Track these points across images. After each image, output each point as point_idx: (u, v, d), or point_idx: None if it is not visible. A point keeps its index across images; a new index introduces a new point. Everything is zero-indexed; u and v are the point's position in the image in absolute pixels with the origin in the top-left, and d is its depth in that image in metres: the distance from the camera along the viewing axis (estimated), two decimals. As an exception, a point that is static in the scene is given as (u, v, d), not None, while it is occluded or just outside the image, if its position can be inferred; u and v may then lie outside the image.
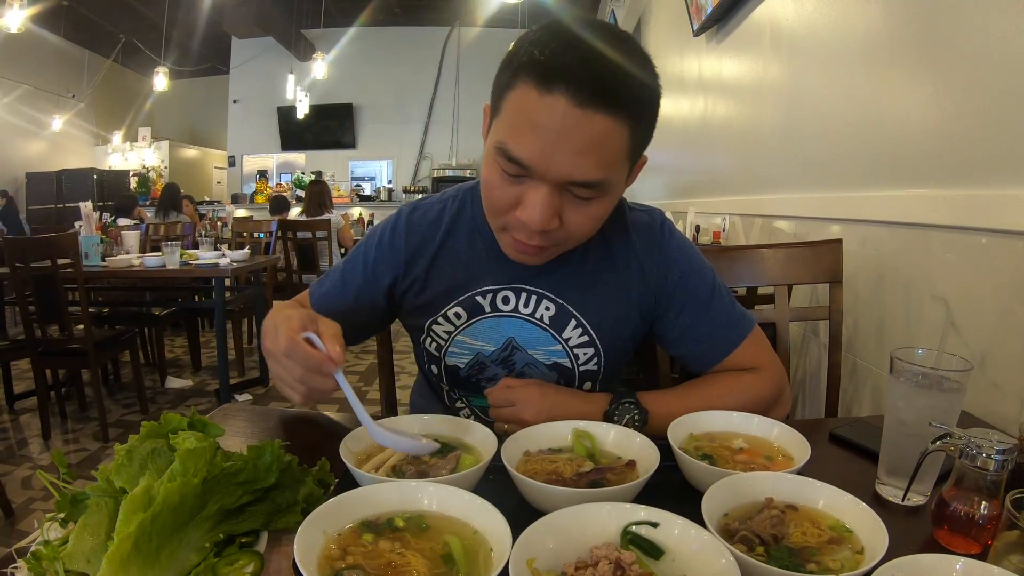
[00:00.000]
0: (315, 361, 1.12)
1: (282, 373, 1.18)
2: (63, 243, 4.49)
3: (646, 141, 1.24)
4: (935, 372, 1.10)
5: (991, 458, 0.92)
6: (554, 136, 1.11)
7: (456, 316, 1.53)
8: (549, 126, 1.11)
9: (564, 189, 1.18)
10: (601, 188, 1.18)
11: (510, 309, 1.51)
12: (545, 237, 1.24)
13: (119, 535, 0.77)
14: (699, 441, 1.24)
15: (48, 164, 14.32)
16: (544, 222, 1.18)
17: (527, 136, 1.13)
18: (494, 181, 1.23)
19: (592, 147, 1.12)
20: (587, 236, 1.30)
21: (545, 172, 1.14)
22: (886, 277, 2.23)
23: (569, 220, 1.22)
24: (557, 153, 1.12)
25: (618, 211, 1.52)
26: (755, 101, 3.88)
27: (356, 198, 14.65)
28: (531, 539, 0.81)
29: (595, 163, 1.14)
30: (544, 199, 1.17)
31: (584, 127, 1.10)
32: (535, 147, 1.13)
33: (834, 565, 0.84)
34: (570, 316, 1.50)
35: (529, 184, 1.18)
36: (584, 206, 1.21)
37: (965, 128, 1.83)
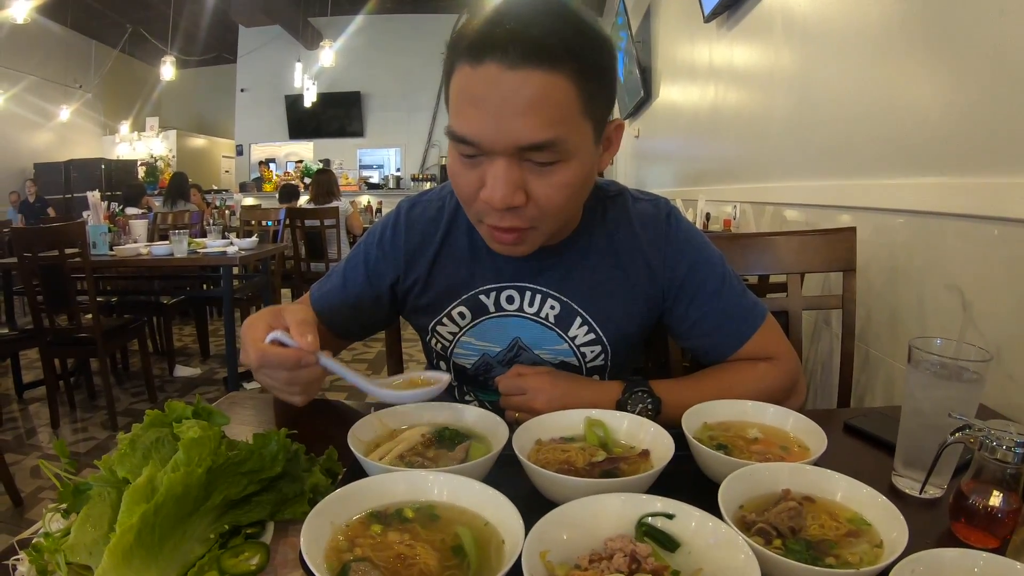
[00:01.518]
0: (291, 360, 1.10)
1: (270, 383, 1.17)
2: (71, 232, 4.49)
3: (604, 97, 1.21)
4: (954, 362, 1.07)
5: (1011, 450, 0.90)
6: (493, 104, 1.10)
7: (460, 316, 1.51)
8: (486, 96, 1.10)
9: (522, 159, 1.15)
10: (556, 149, 1.14)
11: (515, 309, 1.49)
12: (516, 217, 1.20)
13: (121, 526, 0.76)
14: (713, 431, 1.22)
15: (56, 154, 14.38)
16: (506, 197, 1.15)
17: (468, 111, 1.13)
18: (456, 169, 1.22)
19: (533, 106, 1.09)
20: (562, 210, 1.24)
21: (493, 143, 1.12)
22: (899, 266, 2.21)
23: (536, 192, 1.18)
24: (499, 120, 1.10)
25: (621, 204, 1.50)
26: (766, 88, 3.85)
27: (364, 186, 14.63)
28: (544, 531, 0.80)
29: (540, 122, 1.10)
30: (502, 173, 1.14)
31: (521, 88, 1.08)
32: (476, 120, 1.12)
33: (853, 559, 0.82)
34: (575, 314, 1.48)
35: (486, 162, 1.16)
36: (547, 174, 1.17)
37: (980, 115, 1.81)
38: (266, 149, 16.41)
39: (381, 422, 1.20)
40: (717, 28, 4.82)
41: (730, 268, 1.52)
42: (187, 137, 17.08)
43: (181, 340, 7.50)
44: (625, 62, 8.26)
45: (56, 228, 4.53)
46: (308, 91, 13.88)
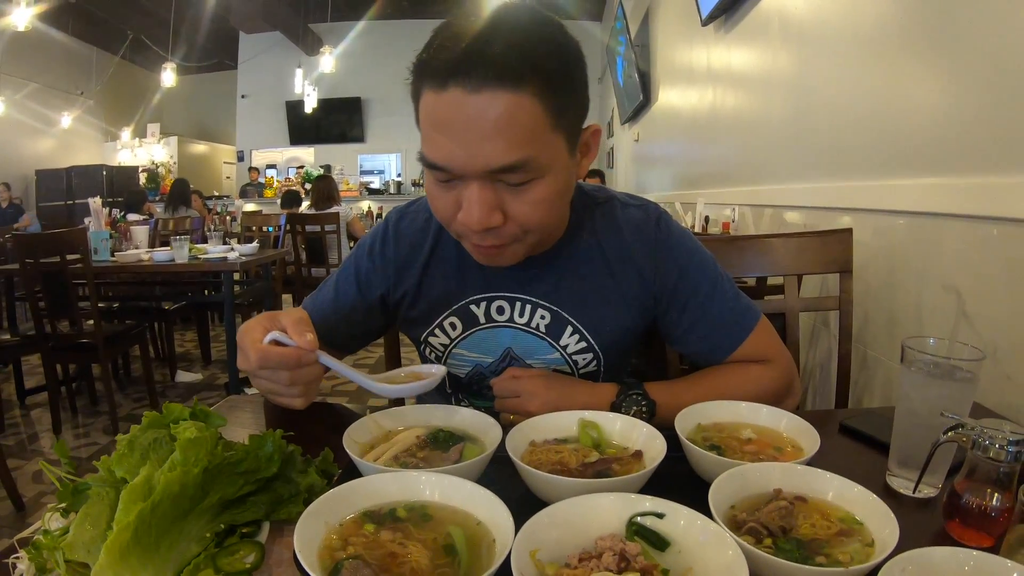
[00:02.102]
0: (292, 359, 1.10)
1: (271, 386, 1.17)
2: (72, 239, 4.50)
3: (575, 107, 1.20)
4: (947, 361, 1.08)
5: (1004, 449, 0.90)
6: (459, 130, 1.09)
7: (451, 327, 1.51)
8: (452, 122, 1.09)
9: (495, 180, 1.14)
10: (527, 169, 1.12)
11: (505, 319, 1.49)
12: (495, 235, 1.20)
13: (118, 525, 0.76)
14: (707, 431, 1.22)
15: (58, 161, 14.40)
16: (482, 220, 1.15)
17: (437, 138, 1.12)
18: (432, 192, 1.23)
19: (500, 129, 1.08)
20: (544, 224, 1.23)
21: (464, 168, 1.12)
22: (897, 267, 2.22)
23: (513, 211, 1.17)
24: (467, 145, 1.10)
25: (609, 210, 1.49)
26: (764, 90, 3.86)
27: (365, 191, 14.63)
28: (534, 530, 0.80)
29: (508, 144, 1.09)
30: (476, 196, 1.14)
31: (486, 111, 1.07)
32: (445, 147, 1.11)
33: (844, 558, 0.82)
34: (566, 324, 1.47)
35: (460, 185, 1.16)
36: (522, 193, 1.16)
37: (977, 116, 1.81)
38: (267, 155, 16.45)
39: (377, 424, 1.20)
40: (715, 31, 4.83)
41: (723, 271, 1.51)
42: (188, 143, 17.10)
43: (183, 346, 7.51)
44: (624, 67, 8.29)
45: (58, 234, 4.53)
46: (309, 97, 13.92)
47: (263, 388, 1.19)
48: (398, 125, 15.56)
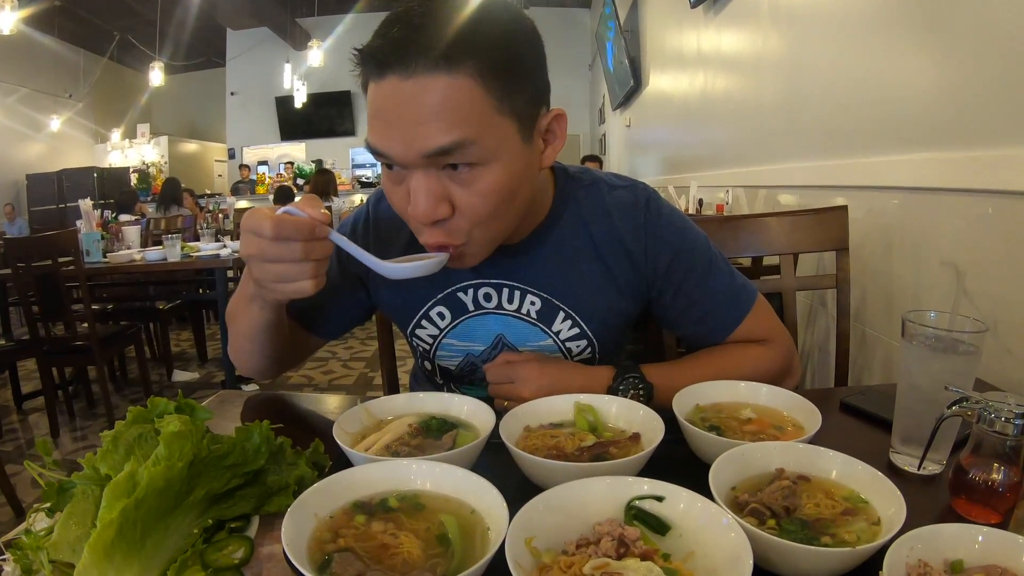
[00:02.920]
0: (307, 227, 1.06)
1: (280, 268, 1.10)
2: (63, 241, 4.48)
3: (526, 90, 1.15)
4: (949, 334, 1.06)
5: (1011, 422, 0.88)
6: (395, 115, 1.07)
7: (440, 316, 1.48)
8: (390, 107, 1.07)
9: (439, 168, 1.11)
10: (467, 151, 1.08)
11: (493, 306, 1.46)
12: (444, 232, 1.16)
13: (102, 522, 0.74)
14: (706, 412, 1.20)
15: (48, 165, 14.39)
16: (428, 211, 1.11)
17: (378, 126, 1.10)
18: (386, 186, 1.20)
19: (435, 112, 1.05)
20: (492, 218, 1.18)
21: (404, 155, 1.09)
22: (893, 244, 2.20)
23: (460, 202, 1.13)
24: (403, 131, 1.07)
25: (596, 193, 1.45)
26: (755, 71, 3.85)
27: (357, 185, 14.61)
28: (529, 517, 0.78)
29: (444, 126, 1.06)
30: (420, 186, 1.11)
31: (420, 95, 1.05)
32: (385, 134, 1.09)
33: (850, 537, 0.81)
34: (557, 309, 1.45)
35: (406, 174, 1.13)
36: (469, 182, 1.12)
37: (969, 89, 1.80)
38: (258, 152, 16.44)
39: (368, 413, 1.18)
40: (704, 14, 4.82)
41: (716, 250, 1.49)
42: (179, 142, 17.05)
43: (179, 345, 7.51)
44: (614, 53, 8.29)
45: (49, 237, 4.52)
46: (298, 92, 13.93)
47: (272, 274, 1.11)
48: (389, 118, 15.57)
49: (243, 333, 1.35)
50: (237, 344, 1.41)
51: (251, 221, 1.08)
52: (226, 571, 0.81)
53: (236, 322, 1.36)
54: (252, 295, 1.23)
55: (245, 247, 1.10)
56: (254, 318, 1.28)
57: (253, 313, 1.27)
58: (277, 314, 1.29)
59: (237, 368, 1.48)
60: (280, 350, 1.42)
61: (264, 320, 1.28)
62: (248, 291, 1.24)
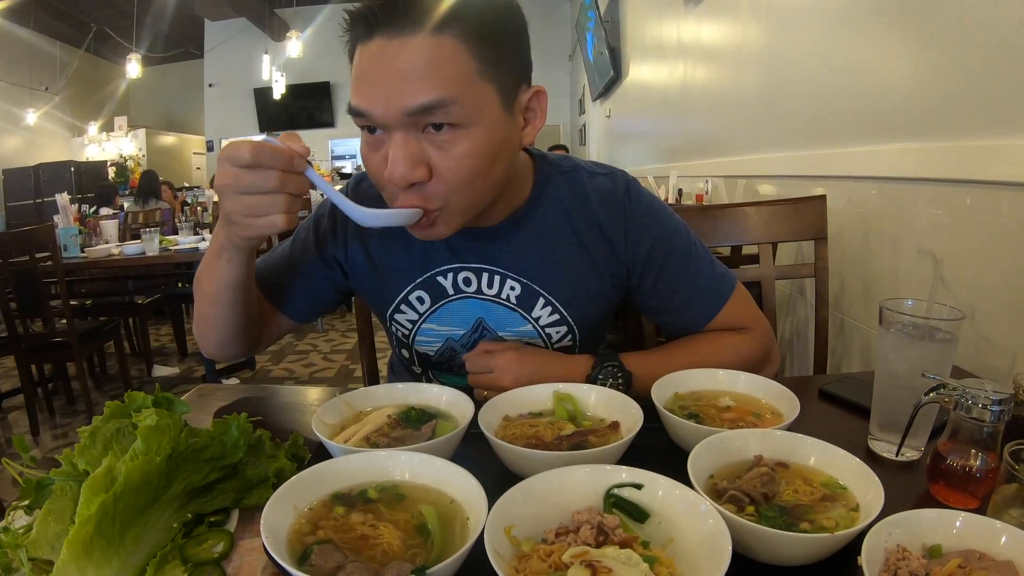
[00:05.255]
0: (286, 155, 1.05)
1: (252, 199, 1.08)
2: (40, 236, 4.43)
3: (509, 61, 1.17)
4: (926, 322, 1.07)
5: (987, 409, 0.89)
6: (380, 74, 1.09)
7: (419, 301, 1.47)
8: (375, 67, 1.09)
9: (420, 130, 1.12)
10: (448, 110, 1.09)
11: (473, 290, 1.45)
12: (421, 196, 1.16)
13: (80, 518, 0.74)
14: (685, 400, 1.21)
15: (25, 159, 14.21)
16: (405, 172, 1.11)
17: (360, 86, 1.12)
18: (364, 152, 1.20)
19: (418, 70, 1.07)
20: (470, 184, 1.17)
21: (384, 113, 1.10)
22: (872, 233, 2.21)
23: (438, 165, 1.13)
24: (386, 88, 1.08)
25: (576, 179, 1.46)
26: (735, 62, 3.86)
27: (337, 176, 14.54)
28: (508, 506, 0.79)
29: (427, 84, 1.07)
30: (399, 146, 1.11)
31: (405, 54, 1.07)
32: (367, 92, 1.11)
33: (828, 523, 0.81)
34: (537, 295, 1.44)
35: (387, 140, 1.13)
36: (448, 144, 1.12)
37: (947, 81, 1.81)
38: (237, 144, 16.34)
39: (347, 405, 1.18)
40: (684, 4, 4.82)
41: (696, 238, 1.49)
42: (157, 135, 16.90)
43: (158, 340, 7.45)
44: (594, 43, 8.27)
45: (26, 233, 4.45)
46: (277, 83, 13.84)
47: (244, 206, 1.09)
48: (369, 109, 15.51)
49: (209, 295, 1.31)
50: (202, 311, 1.37)
51: (229, 150, 1.06)
52: (206, 565, 0.81)
53: (202, 284, 1.32)
54: (220, 248, 1.21)
55: (220, 177, 1.08)
56: (221, 275, 1.24)
57: (220, 270, 1.24)
58: (246, 270, 1.25)
59: (201, 346, 1.44)
60: (246, 321, 1.38)
61: (232, 277, 1.24)
62: (216, 246, 1.22)
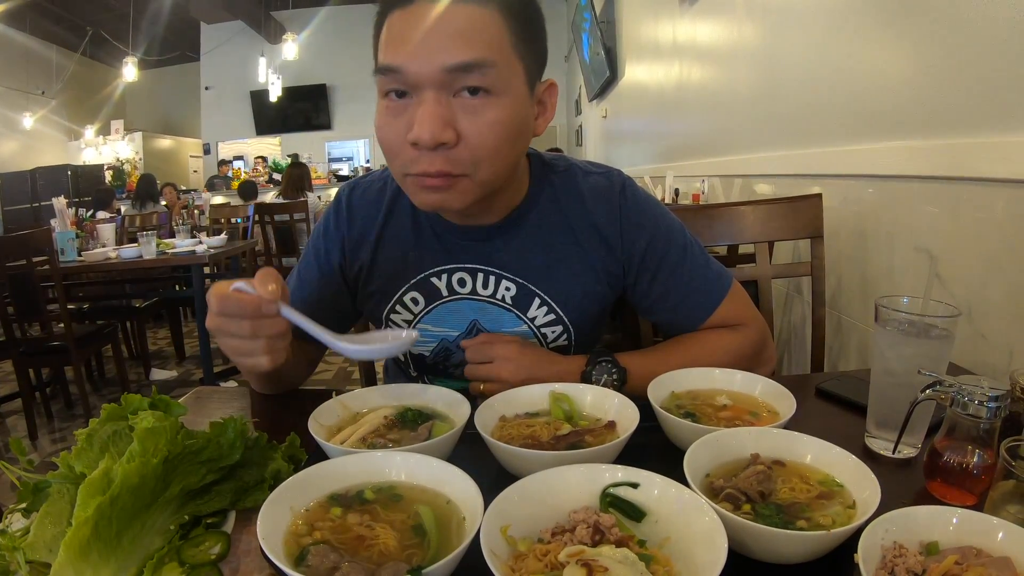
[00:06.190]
0: (252, 305, 1.05)
1: (234, 342, 1.10)
2: (37, 240, 4.42)
3: (535, 45, 1.21)
4: (922, 319, 1.07)
5: (984, 405, 0.89)
6: (421, 33, 1.11)
7: (413, 302, 1.48)
8: (415, 28, 1.11)
9: (452, 92, 1.13)
10: (485, 73, 1.12)
11: (467, 291, 1.46)
12: (446, 160, 1.15)
13: (77, 520, 0.74)
14: (681, 399, 1.21)
15: (21, 163, 14.14)
16: (435, 131, 1.11)
17: (396, 45, 1.13)
18: (382, 121, 1.20)
19: (462, 32, 1.11)
20: (495, 154, 1.18)
21: (420, 69, 1.11)
22: (868, 231, 2.22)
23: (466, 130, 1.14)
24: (426, 45, 1.10)
25: (571, 179, 1.46)
26: (731, 62, 3.86)
27: (334, 179, 14.55)
28: (504, 506, 0.79)
29: (469, 44, 1.11)
30: (430, 106, 1.12)
31: (449, 16, 1.10)
32: (403, 49, 1.12)
33: (825, 521, 0.81)
34: (533, 295, 1.44)
35: (414, 102, 1.14)
36: (478, 110, 1.14)
37: (941, 78, 1.81)
38: (233, 147, 16.32)
39: (343, 406, 1.18)
40: (680, 4, 4.82)
41: (692, 237, 1.49)
42: (153, 138, 16.84)
43: (156, 343, 7.43)
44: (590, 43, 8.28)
45: (23, 237, 4.44)
46: (273, 86, 13.81)
47: (229, 348, 1.12)
48: (365, 111, 15.47)
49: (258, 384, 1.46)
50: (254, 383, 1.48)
51: (207, 296, 1.09)
52: (203, 567, 0.80)
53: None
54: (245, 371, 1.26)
55: (207, 320, 1.11)
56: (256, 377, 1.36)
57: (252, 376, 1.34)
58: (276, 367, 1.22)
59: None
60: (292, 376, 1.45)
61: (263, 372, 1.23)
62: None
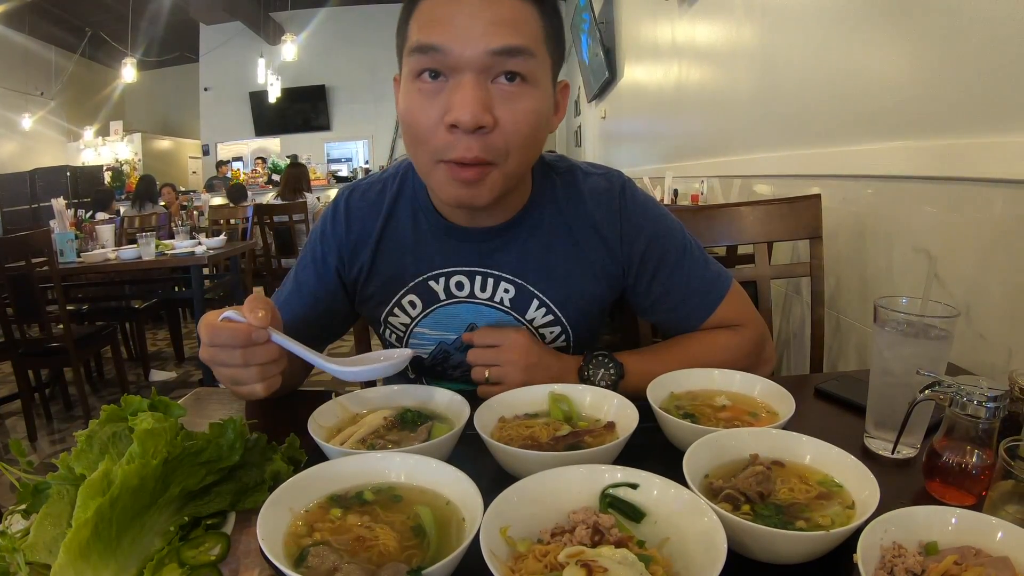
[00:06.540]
0: (242, 334, 1.06)
1: (228, 371, 1.12)
2: (36, 241, 4.41)
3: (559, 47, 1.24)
4: (921, 320, 1.07)
5: (983, 405, 0.89)
6: (466, 15, 1.12)
7: (411, 305, 1.48)
8: (459, 9, 1.12)
9: (490, 77, 1.15)
10: (525, 60, 1.14)
11: (465, 295, 1.46)
12: (483, 146, 1.15)
13: (77, 521, 0.74)
14: (680, 400, 1.21)
15: (20, 164, 14.12)
16: (476, 113, 1.11)
17: (439, 24, 1.14)
18: (413, 105, 1.18)
19: (507, 18, 1.13)
20: (526, 143, 1.20)
21: (464, 51, 1.11)
22: (867, 232, 2.22)
23: (502, 116, 1.15)
24: (471, 27, 1.11)
25: (571, 180, 1.47)
26: (730, 63, 3.85)
27: (333, 180, 14.53)
28: (503, 507, 0.79)
29: (514, 31, 1.13)
30: (470, 87, 1.12)
31: (495, 4, 1.13)
32: (447, 28, 1.12)
33: (824, 521, 0.82)
34: (532, 297, 1.44)
35: (450, 84, 1.14)
36: (514, 98, 1.15)
37: (940, 78, 1.81)
38: (232, 148, 16.31)
39: (343, 407, 1.19)
40: (678, 5, 4.81)
41: (691, 237, 1.50)
42: (152, 139, 16.81)
43: (155, 344, 7.42)
44: (589, 44, 8.27)
45: (22, 238, 4.44)
46: (272, 86, 13.80)
47: (223, 377, 1.14)
48: (364, 112, 15.53)
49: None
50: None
51: (199, 327, 1.11)
52: (203, 568, 0.81)
53: None
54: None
55: (200, 352, 1.13)
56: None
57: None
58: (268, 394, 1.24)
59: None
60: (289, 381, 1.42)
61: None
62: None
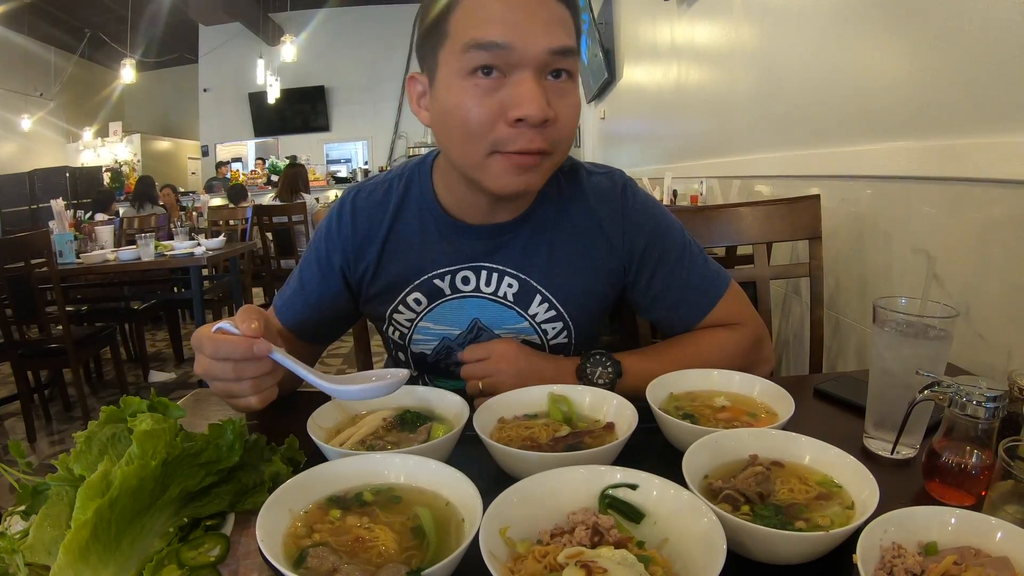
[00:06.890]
0: (242, 347, 1.04)
1: (220, 385, 1.11)
2: (35, 242, 4.42)
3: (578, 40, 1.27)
4: (920, 320, 1.07)
5: (982, 406, 0.90)
6: (524, 13, 1.14)
7: (416, 302, 1.48)
8: (516, 9, 1.15)
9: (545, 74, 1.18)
10: (574, 59, 1.20)
11: (471, 289, 1.46)
12: (544, 137, 1.19)
13: (76, 523, 0.74)
14: (680, 401, 1.21)
15: (19, 165, 14.10)
16: (544, 108, 1.15)
17: (499, 22, 1.14)
18: (467, 102, 1.18)
19: (560, 20, 1.18)
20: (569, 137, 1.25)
21: (524, 47, 1.14)
22: (866, 232, 2.22)
23: (559, 110, 1.19)
24: (531, 24, 1.14)
25: (575, 178, 1.48)
26: (728, 63, 3.85)
27: (332, 181, 14.55)
28: (503, 507, 0.79)
29: (566, 32, 1.18)
30: (535, 84, 1.15)
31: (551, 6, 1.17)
32: (509, 26, 1.14)
33: (824, 521, 0.82)
34: (535, 292, 1.46)
35: (509, 81, 1.16)
36: (564, 93, 1.20)
37: (940, 79, 1.81)
38: (232, 148, 16.29)
39: (342, 408, 1.18)
40: (678, 6, 4.81)
41: (691, 238, 1.51)
42: (152, 140, 16.79)
43: (155, 345, 7.42)
44: (588, 45, 8.25)
45: (21, 239, 4.44)
46: (271, 87, 13.79)
47: (218, 390, 1.13)
48: (363, 113, 15.52)
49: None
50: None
51: (194, 340, 1.11)
52: (202, 569, 0.81)
53: None
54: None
55: (196, 364, 1.13)
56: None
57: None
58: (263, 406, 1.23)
59: None
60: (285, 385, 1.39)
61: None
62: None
